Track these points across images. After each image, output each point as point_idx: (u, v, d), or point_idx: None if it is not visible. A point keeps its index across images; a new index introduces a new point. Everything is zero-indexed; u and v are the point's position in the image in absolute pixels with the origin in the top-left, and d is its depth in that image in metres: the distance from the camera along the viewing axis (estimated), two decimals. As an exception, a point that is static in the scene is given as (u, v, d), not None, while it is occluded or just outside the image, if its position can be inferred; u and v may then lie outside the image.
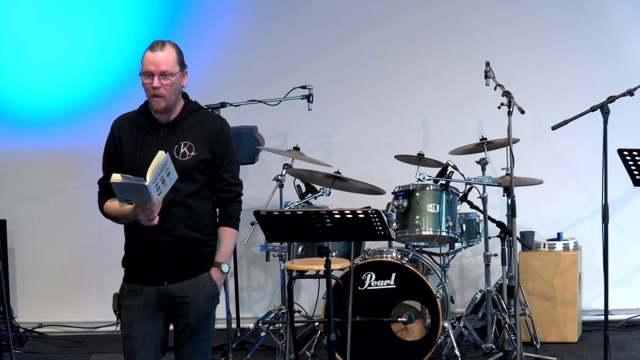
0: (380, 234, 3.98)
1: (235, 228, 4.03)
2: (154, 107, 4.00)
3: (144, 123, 4.05)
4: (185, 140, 3.98)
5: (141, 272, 3.99)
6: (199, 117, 4.06)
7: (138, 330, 3.99)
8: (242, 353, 6.28)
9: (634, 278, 7.08)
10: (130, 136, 4.05)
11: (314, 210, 3.97)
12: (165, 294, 3.96)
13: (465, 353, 6.11)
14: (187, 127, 4.01)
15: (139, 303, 3.97)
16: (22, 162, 7.30)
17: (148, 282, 3.97)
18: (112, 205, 3.98)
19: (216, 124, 4.05)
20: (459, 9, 7.15)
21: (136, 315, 3.97)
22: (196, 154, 3.95)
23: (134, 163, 3.96)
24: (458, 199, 6.04)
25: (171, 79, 3.96)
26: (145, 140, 4.01)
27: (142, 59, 4.02)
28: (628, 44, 7.04)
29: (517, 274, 5.79)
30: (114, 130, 4.13)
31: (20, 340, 6.87)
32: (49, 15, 7.24)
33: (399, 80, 7.21)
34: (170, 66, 3.96)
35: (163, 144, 3.96)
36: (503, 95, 5.57)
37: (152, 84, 3.96)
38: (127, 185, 3.72)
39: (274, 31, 7.28)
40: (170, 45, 4.00)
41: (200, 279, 3.97)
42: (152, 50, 3.99)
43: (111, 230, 7.25)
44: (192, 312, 3.97)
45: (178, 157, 3.94)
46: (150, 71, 3.97)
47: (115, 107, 7.20)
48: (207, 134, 4.00)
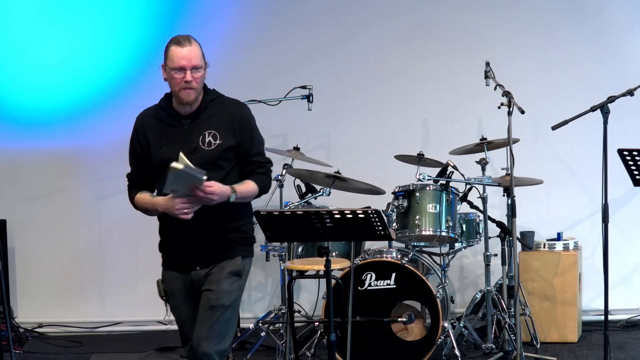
0: (380, 234, 3.98)
1: (259, 188, 4.12)
2: (184, 99, 4.09)
3: (166, 116, 4.15)
4: (209, 129, 4.10)
5: (176, 259, 4.15)
6: (220, 105, 4.17)
7: (186, 313, 4.18)
8: (242, 353, 6.28)
9: (634, 278, 7.08)
10: (154, 130, 4.15)
11: (314, 210, 3.97)
12: (197, 279, 4.12)
13: (465, 353, 6.11)
14: (209, 116, 4.13)
15: (179, 288, 4.16)
16: (22, 162, 7.30)
17: (183, 269, 4.14)
18: (143, 197, 4.14)
19: (237, 110, 4.18)
20: (459, 9, 7.15)
21: (180, 300, 4.17)
22: (221, 142, 4.08)
23: (162, 156, 4.07)
24: (458, 199, 6.04)
25: (201, 71, 4.09)
26: (169, 132, 4.12)
27: (168, 54, 4.11)
28: (628, 44, 7.04)
29: (517, 274, 5.79)
30: (137, 127, 4.21)
31: (20, 340, 6.87)
32: (49, 16, 7.24)
33: (399, 80, 7.21)
34: (200, 60, 4.10)
35: (187, 135, 4.09)
36: (503, 95, 5.57)
37: (185, 78, 4.06)
38: (184, 174, 3.82)
39: (274, 31, 7.28)
40: (193, 39, 4.13)
41: (224, 263, 4.12)
42: (180, 46, 4.08)
43: (111, 230, 7.33)
44: (213, 289, 4.09)
45: (204, 146, 4.07)
46: (183, 66, 4.06)
47: (115, 107, 7.30)
48: (229, 121, 4.13)
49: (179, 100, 4.11)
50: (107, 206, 7.31)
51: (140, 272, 7.31)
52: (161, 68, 4.15)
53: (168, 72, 4.10)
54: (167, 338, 6.93)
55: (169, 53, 4.10)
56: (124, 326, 7.28)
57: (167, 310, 4.29)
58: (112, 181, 7.29)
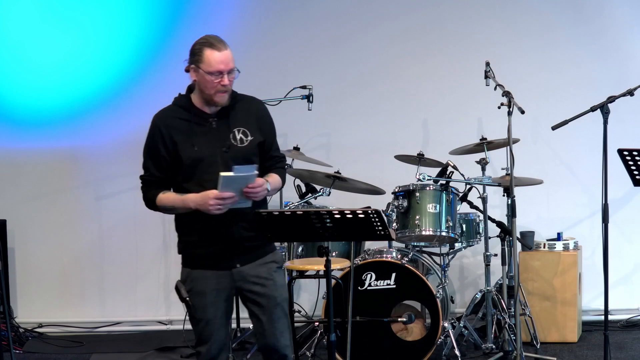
0: (380, 234, 3.98)
1: (281, 182, 4.23)
2: (219, 102, 4.11)
3: (191, 116, 4.14)
4: (238, 127, 4.13)
5: (212, 258, 4.11)
6: (242, 103, 4.20)
7: (212, 314, 4.14)
8: (242, 353, 6.28)
9: (634, 278, 7.08)
10: (179, 130, 4.13)
11: (314, 210, 3.97)
12: (238, 277, 4.10)
13: (465, 353, 6.11)
14: (236, 113, 4.16)
15: (212, 288, 4.12)
16: (22, 162, 7.30)
17: (220, 267, 4.12)
18: (169, 196, 4.14)
19: (259, 106, 4.24)
20: (459, 9, 7.15)
21: (209, 300, 4.12)
22: (252, 138, 4.13)
23: (193, 155, 4.07)
24: (458, 199, 6.04)
25: (235, 73, 4.12)
26: (196, 132, 4.11)
27: (203, 57, 4.08)
28: (628, 44, 7.04)
29: (517, 274, 5.79)
30: (159, 128, 4.17)
31: (20, 340, 6.87)
32: (49, 16, 7.24)
33: (399, 80, 7.21)
34: (234, 62, 4.12)
35: (217, 133, 4.11)
36: (503, 95, 5.57)
37: (222, 81, 4.07)
38: (235, 179, 3.89)
39: (274, 31, 7.28)
40: (225, 42, 4.15)
41: (268, 257, 4.17)
42: (217, 49, 4.09)
43: (111, 230, 7.33)
44: (272, 288, 4.14)
45: (236, 143, 4.10)
46: (221, 70, 4.07)
47: (115, 107, 7.30)
48: (255, 117, 4.18)
49: (213, 102, 4.11)
50: (107, 206, 7.31)
51: (140, 272, 7.32)
52: (190, 71, 4.12)
53: (201, 75, 4.07)
54: (167, 338, 6.94)
55: (204, 57, 4.06)
56: (124, 326, 7.28)
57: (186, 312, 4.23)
58: (112, 181, 7.30)
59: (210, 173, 4.02)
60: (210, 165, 4.05)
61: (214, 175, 3.96)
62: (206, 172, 4.05)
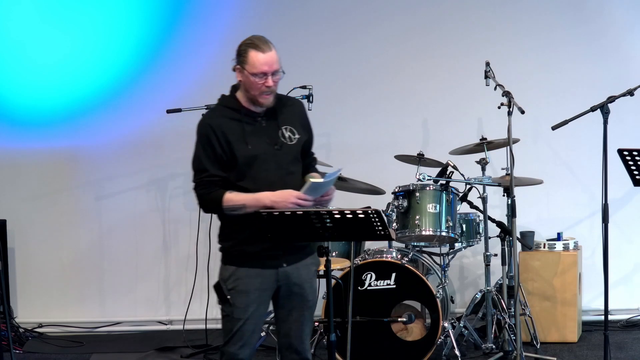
0: (380, 234, 3.98)
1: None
2: (264, 104, 4.15)
3: (241, 115, 4.17)
4: (285, 125, 4.20)
5: (261, 256, 4.11)
6: (285, 102, 4.28)
7: (252, 313, 4.14)
8: (242, 353, 6.28)
9: (634, 278, 7.08)
10: (232, 130, 4.15)
11: (314, 210, 3.97)
12: (283, 277, 4.15)
13: (465, 353, 6.11)
14: (281, 112, 4.21)
15: (256, 287, 4.13)
16: (22, 162, 7.30)
17: (267, 266, 4.13)
18: (238, 195, 4.11)
19: (301, 106, 4.34)
20: (459, 9, 7.15)
21: (252, 299, 4.13)
22: (299, 137, 4.21)
23: (248, 154, 4.10)
24: (458, 199, 6.04)
25: (279, 75, 4.16)
26: (247, 131, 4.15)
27: (247, 59, 4.13)
28: (628, 44, 7.03)
29: (517, 274, 5.79)
30: (213, 129, 4.15)
31: (20, 340, 6.87)
32: (49, 16, 7.24)
33: (399, 80, 7.21)
34: (279, 64, 4.15)
35: (267, 132, 4.16)
36: (503, 95, 5.57)
37: (266, 83, 4.11)
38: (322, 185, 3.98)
39: (274, 31, 7.20)
40: (270, 43, 4.16)
41: (309, 259, 4.24)
42: (261, 51, 4.11)
43: (111, 230, 7.33)
44: (308, 291, 4.21)
45: (286, 141, 4.16)
46: (265, 72, 4.10)
47: (115, 107, 7.30)
48: (298, 116, 4.26)
49: (257, 104, 4.15)
50: (107, 206, 7.31)
51: (140, 272, 7.32)
52: (236, 71, 4.17)
53: (246, 76, 4.12)
54: (167, 338, 6.94)
55: (249, 58, 4.10)
56: (124, 326, 7.28)
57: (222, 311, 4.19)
58: (112, 181, 7.30)
59: (263, 171, 4.09)
60: (264, 162, 4.10)
61: (268, 172, 4.07)
62: (260, 169, 4.10)
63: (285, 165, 4.14)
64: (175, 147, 7.23)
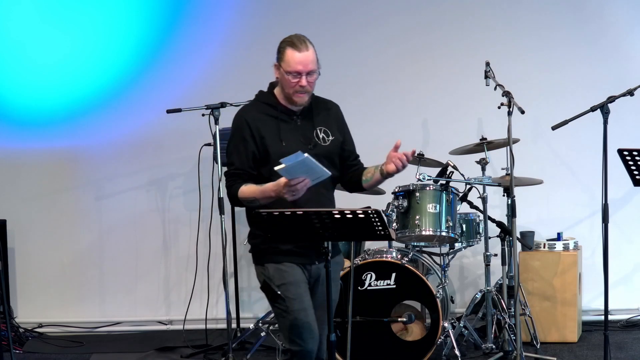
0: (380, 234, 3.98)
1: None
2: (297, 103, 4.18)
3: (277, 113, 4.19)
4: (320, 126, 4.24)
5: (294, 253, 4.15)
6: (321, 103, 4.31)
7: (308, 303, 4.17)
8: (242, 353, 6.29)
9: (634, 278, 7.08)
10: (267, 126, 4.18)
11: (314, 210, 3.97)
12: (315, 274, 4.21)
13: (465, 353, 6.11)
14: (317, 113, 4.25)
15: (301, 279, 4.18)
16: (22, 162, 7.30)
17: (301, 262, 4.18)
18: (250, 187, 4.13)
19: (336, 107, 4.38)
20: (459, 9, 7.15)
21: (303, 289, 4.17)
22: (333, 138, 4.25)
23: (281, 151, 4.10)
24: (458, 199, 6.04)
25: (315, 75, 4.17)
26: (282, 128, 4.18)
27: (284, 57, 4.15)
28: (628, 44, 7.03)
29: (517, 274, 5.79)
30: (248, 123, 4.19)
31: (20, 340, 6.87)
32: (49, 16, 7.24)
33: (398, 80, 7.21)
34: (315, 64, 4.19)
35: (302, 130, 4.19)
36: (503, 95, 5.57)
37: (300, 82, 4.13)
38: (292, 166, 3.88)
39: (274, 31, 7.20)
40: (309, 43, 4.20)
41: (337, 258, 4.31)
42: (298, 50, 4.14)
43: (111, 230, 7.33)
44: (334, 287, 4.20)
45: (320, 141, 4.20)
46: (299, 71, 4.13)
47: (115, 107, 7.30)
48: (334, 117, 4.30)
49: (292, 102, 4.18)
50: (107, 206, 7.31)
51: (140, 272, 7.32)
52: (274, 67, 4.19)
53: (282, 73, 4.15)
54: (167, 338, 6.94)
55: (285, 56, 4.13)
56: (124, 326, 7.28)
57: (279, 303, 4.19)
58: (112, 181, 7.30)
59: None
60: None
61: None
62: None
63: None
64: (175, 147, 7.24)
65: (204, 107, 6.06)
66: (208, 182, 6.56)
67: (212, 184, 6.49)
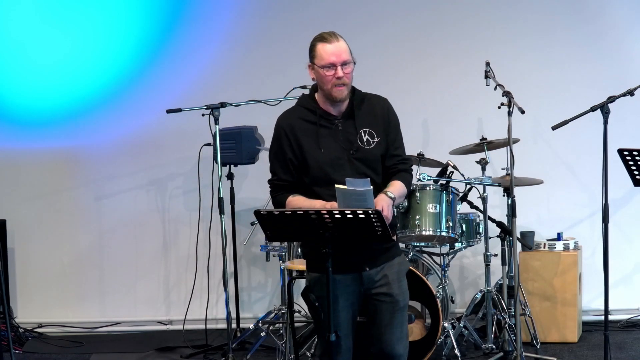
0: (380, 234, 3.97)
1: (406, 187, 4.10)
2: (337, 97, 4.04)
3: (317, 118, 4.08)
4: (364, 128, 4.07)
5: (341, 262, 4.02)
6: (368, 102, 4.13)
7: (343, 319, 4.07)
8: (242, 353, 6.29)
9: (634, 278, 7.08)
10: (306, 133, 4.07)
11: (314, 210, 3.97)
12: (367, 280, 4.07)
13: (465, 353, 6.11)
14: (361, 113, 4.09)
15: (342, 292, 4.05)
16: (22, 162, 7.30)
17: (350, 271, 4.06)
18: (298, 200, 4.06)
19: (385, 105, 4.15)
20: (459, 9, 7.15)
21: (341, 305, 4.05)
22: (379, 139, 4.07)
23: (320, 158, 4.02)
24: (458, 199, 6.04)
25: (350, 66, 4.06)
26: (322, 134, 4.06)
27: (315, 52, 4.06)
28: (628, 44, 7.04)
29: (517, 274, 5.79)
30: (285, 131, 4.09)
31: (20, 340, 6.87)
32: (49, 16, 7.24)
33: (398, 80, 7.20)
34: (349, 54, 4.08)
35: (344, 134, 4.05)
36: (503, 95, 5.57)
37: (336, 74, 4.02)
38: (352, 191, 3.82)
39: (274, 31, 7.28)
40: (339, 35, 4.10)
41: (395, 261, 4.14)
42: (328, 42, 4.05)
43: (111, 230, 7.33)
44: (396, 292, 4.12)
45: (364, 145, 4.04)
46: (333, 62, 4.03)
47: (115, 107, 7.30)
48: (381, 117, 4.10)
49: (332, 98, 4.05)
50: (107, 206, 7.31)
51: (140, 272, 7.32)
52: (308, 69, 4.09)
53: (317, 70, 4.04)
54: (167, 338, 6.94)
55: (316, 51, 4.04)
56: (124, 326, 7.28)
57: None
58: (112, 181, 7.30)
59: (338, 175, 3.98)
60: (338, 167, 4.01)
61: (343, 177, 3.92)
62: (334, 174, 4.00)
63: (362, 170, 4.03)
64: (175, 147, 7.24)
65: (204, 107, 6.06)
66: (208, 182, 6.55)
67: (212, 184, 6.49)
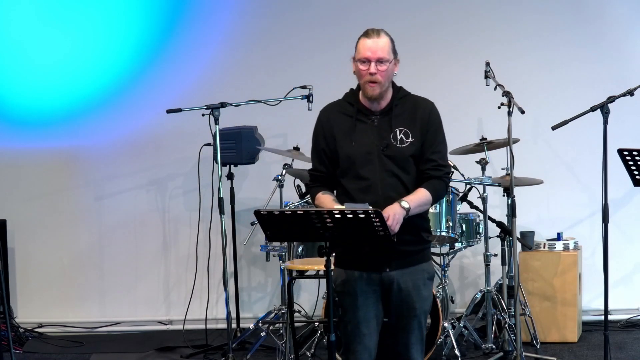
0: (380, 234, 3.97)
1: (432, 195, 4.02)
2: (368, 93, 4.07)
3: (354, 112, 4.10)
4: (400, 127, 4.06)
5: (363, 260, 4.03)
6: (410, 103, 4.13)
7: (363, 316, 4.06)
8: (242, 353, 6.29)
9: (634, 278, 7.08)
10: (341, 126, 4.10)
11: (314, 210, 3.96)
12: (388, 281, 4.04)
13: (465, 353, 6.11)
14: (400, 113, 4.09)
15: (363, 289, 4.04)
16: (22, 162, 7.30)
17: (371, 269, 4.04)
18: (325, 199, 4.08)
19: (427, 107, 4.14)
20: (459, 9, 7.15)
21: (360, 302, 4.05)
22: (414, 139, 4.05)
23: (350, 151, 4.03)
24: (458, 199, 6.04)
25: (386, 65, 4.05)
26: (357, 128, 4.07)
27: (357, 46, 4.12)
28: (628, 44, 7.04)
29: (517, 274, 5.79)
30: (322, 121, 4.15)
31: (20, 340, 6.87)
32: (49, 16, 7.24)
33: (398, 80, 7.15)
34: (386, 53, 4.06)
35: (378, 131, 4.05)
36: (503, 95, 5.57)
37: (369, 70, 4.05)
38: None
39: (274, 31, 7.28)
40: (384, 33, 4.10)
41: (419, 267, 4.08)
42: (368, 37, 4.08)
43: (111, 230, 7.33)
44: (415, 299, 4.06)
45: (396, 143, 4.03)
46: (367, 57, 4.06)
47: (115, 107, 7.31)
48: (420, 119, 4.09)
49: (365, 94, 4.08)
50: (107, 206, 7.31)
51: (140, 272, 7.32)
52: (351, 61, 4.15)
53: (355, 64, 4.11)
54: (167, 338, 6.94)
55: (358, 45, 4.09)
56: (124, 326, 7.28)
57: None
58: (112, 181, 7.30)
59: (366, 170, 4.00)
60: (367, 162, 4.01)
61: (370, 173, 3.96)
62: (362, 169, 4.01)
63: (390, 168, 4.01)
64: (175, 147, 7.24)
65: (204, 107, 6.05)
66: (208, 182, 6.55)
67: (212, 184, 6.49)
